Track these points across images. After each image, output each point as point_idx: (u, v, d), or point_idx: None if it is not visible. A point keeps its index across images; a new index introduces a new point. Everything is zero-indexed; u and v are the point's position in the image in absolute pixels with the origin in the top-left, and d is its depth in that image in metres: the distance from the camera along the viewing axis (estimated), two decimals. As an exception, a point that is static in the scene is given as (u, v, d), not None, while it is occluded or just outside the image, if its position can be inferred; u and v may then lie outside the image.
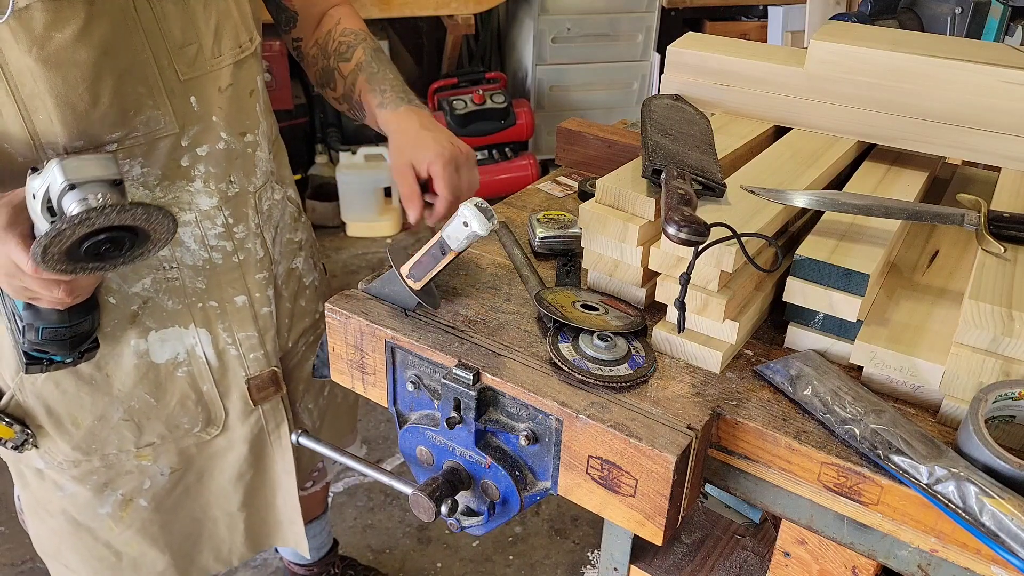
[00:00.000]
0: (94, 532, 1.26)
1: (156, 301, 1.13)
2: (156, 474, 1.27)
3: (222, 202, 1.12)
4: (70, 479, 1.19)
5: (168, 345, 1.16)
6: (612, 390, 0.81)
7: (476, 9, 3.54)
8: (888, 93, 1.02)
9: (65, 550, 1.26)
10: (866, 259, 0.82)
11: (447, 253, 0.89)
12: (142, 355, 1.15)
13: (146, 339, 1.14)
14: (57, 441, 1.15)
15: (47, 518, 1.23)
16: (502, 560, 2.16)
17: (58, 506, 1.22)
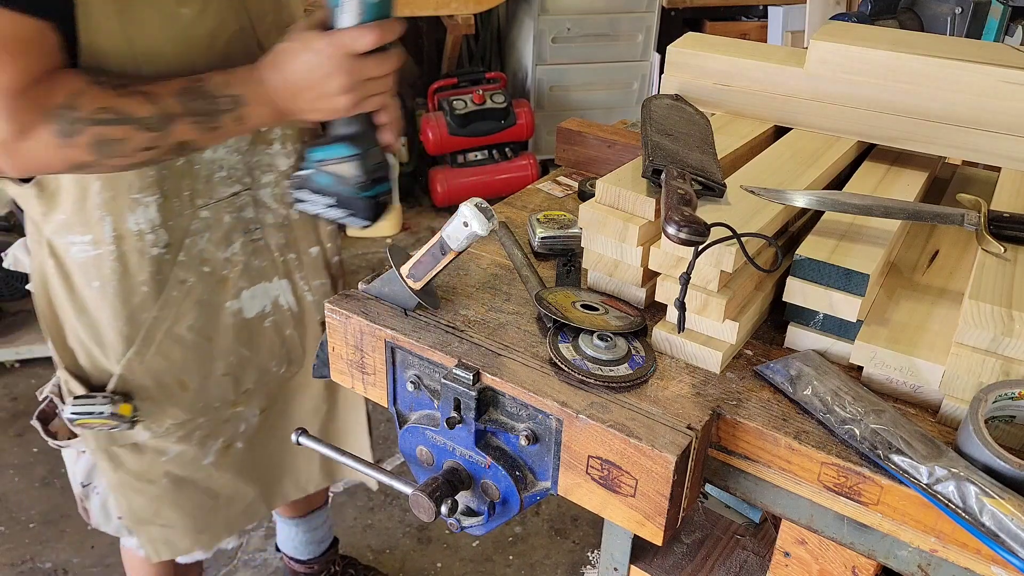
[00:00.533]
0: (196, 482, 1.35)
1: (245, 262, 1.23)
2: (249, 416, 1.37)
3: (297, 161, 1.21)
4: (175, 441, 1.27)
5: (257, 300, 1.27)
6: (612, 390, 0.81)
7: (476, 9, 3.53)
8: (888, 93, 1.02)
9: (165, 509, 1.34)
10: (866, 259, 0.82)
11: (447, 253, 0.89)
12: (236, 314, 1.25)
13: (239, 298, 1.24)
14: (166, 408, 1.23)
15: (145, 488, 1.30)
16: (502, 560, 2.16)
17: (160, 471, 1.29)
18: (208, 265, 1.19)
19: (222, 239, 1.19)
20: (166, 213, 1.12)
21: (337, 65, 0.96)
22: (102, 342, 1.17)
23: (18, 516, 2.24)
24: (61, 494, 2.31)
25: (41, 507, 2.27)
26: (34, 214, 1.11)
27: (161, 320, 1.17)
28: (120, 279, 1.12)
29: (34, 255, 1.13)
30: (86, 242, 1.10)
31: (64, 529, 2.21)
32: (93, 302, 1.14)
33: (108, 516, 1.37)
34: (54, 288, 1.15)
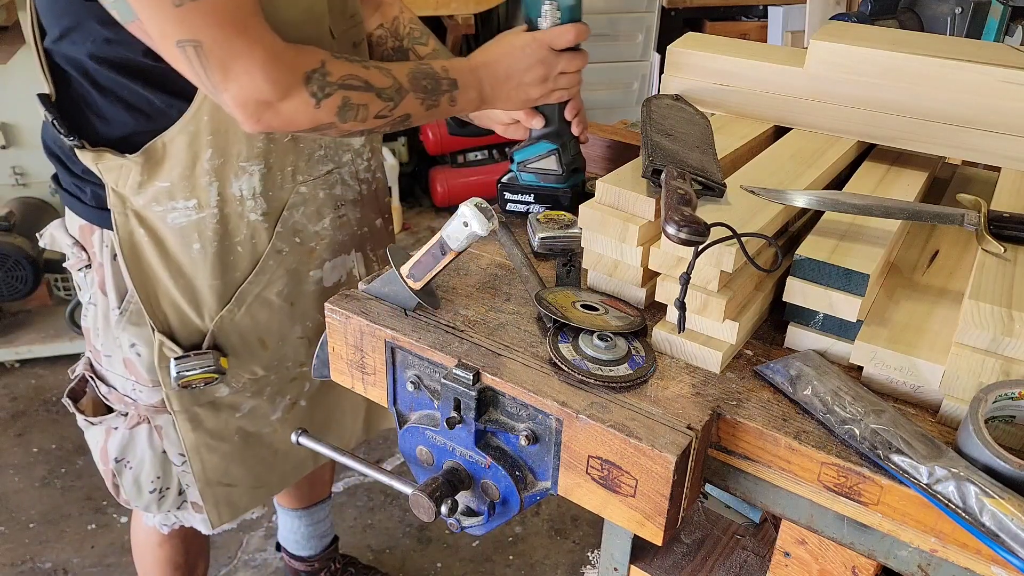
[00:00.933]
0: (262, 438, 1.42)
1: (332, 236, 1.32)
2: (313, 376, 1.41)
3: (366, 140, 1.34)
4: (250, 396, 1.37)
5: (336, 271, 1.36)
6: (612, 390, 0.81)
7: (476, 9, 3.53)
8: (888, 93, 1.02)
9: (233, 467, 1.41)
10: (866, 259, 0.82)
11: (447, 253, 0.89)
12: (317, 282, 1.34)
13: (322, 268, 1.33)
14: (248, 364, 1.33)
15: (218, 445, 1.38)
16: (502, 560, 2.16)
17: (233, 427, 1.38)
18: (299, 236, 1.28)
19: (315, 214, 1.29)
20: (267, 183, 1.20)
21: (537, 58, 1.10)
22: (197, 302, 1.25)
23: (18, 516, 2.24)
24: (61, 494, 2.31)
25: (41, 507, 2.27)
26: (124, 187, 1.15)
27: (255, 284, 1.26)
28: (220, 240, 1.20)
29: (120, 228, 1.18)
30: (190, 207, 1.17)
31: (64, 529, 2.21)
32: (191, 265, 1.21)
33: (140, 490, 1.41)
34: (146, 256, 1.20)
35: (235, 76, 0.94)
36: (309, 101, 0.99)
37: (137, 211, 1.17)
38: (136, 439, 1.35)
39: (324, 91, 0.99)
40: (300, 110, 0.99)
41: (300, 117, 1.00)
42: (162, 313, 1.25)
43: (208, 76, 0.95)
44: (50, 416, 2.60)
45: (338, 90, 1.00)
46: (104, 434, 1.37)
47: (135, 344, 1.26)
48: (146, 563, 1.62)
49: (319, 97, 0.99)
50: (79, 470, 2.39)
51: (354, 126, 1.04)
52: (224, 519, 1.46)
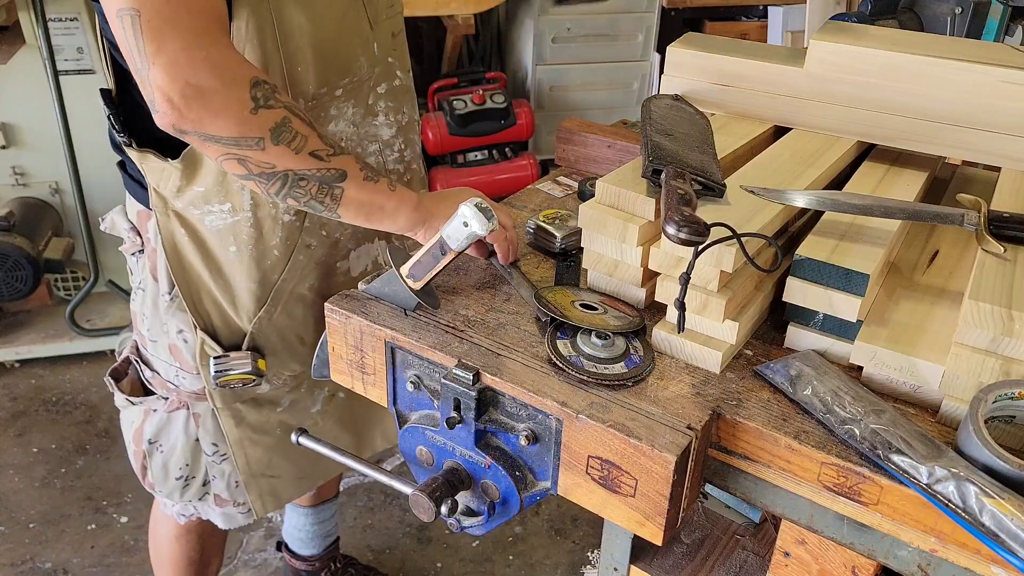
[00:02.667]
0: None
1: (354, 226, 1.28)
2: None
3: (398, 131, 1.31)
4: (289, 391, 1.37)
5: (361, 260, 1.35)
6: (611, 389, 0.81)
7: (476, 9, 3.53)
8: (888, 93, 1.02)
9: (276, 459, 1.42)
10: (866, 259, 0.82)
11: (447, 253, 0.89)
12: (345, 273, 1.33)
13: (348, 259, 1.32)
14: (287, 362, 1.33)
15: (261, 439, 1.39)
16: (502, 560, 2.16)
17: (275, 421, 1.39)
18: (326, 229, 1.26)
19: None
20: None
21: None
22: (236, 303, 1.25)
23: (18, 516, 2.24)
24: (61, 494, 2.31)
25: (41, 507, 2.27)
26: (165, 189, 1.17)
27: (288, 281, 1.25)
28: (255, 243, 1.20)
29: (163, 226, 1.20)
30: (224, 211, 1.17)
31: (64, 529, 2.21)
32: (229, 265, 1.22)
33: (167, 475, 1.42)
34: (187, 255, 1.22)
35: (169, 50, 0.87)
36: (247, 103, 0.91)
37: (178, 212, 1.19)
38: (172, 424, 1.37)
39: (267, 101, 0.93)
40: (233, 109, 0.91)
41: (229, 117, 0.92)
42: (205, 312, 1.26)
43: (138, 47, 0.87)
44: (50, 416, 2.60)
45: (283, 108, 0.94)
46: (142, 415, 1.39)
47: (182, 331, 1.28)
48: (161, 555, 1.63)
49: (259, 104, 0.92)
50: (79, 470, 2.39)
51: (282, 153, 0.95)
52: (268, 508, 1.48)
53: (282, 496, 1.48)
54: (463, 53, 4.00)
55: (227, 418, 1.35)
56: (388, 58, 1.26)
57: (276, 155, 0.95)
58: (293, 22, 1.06)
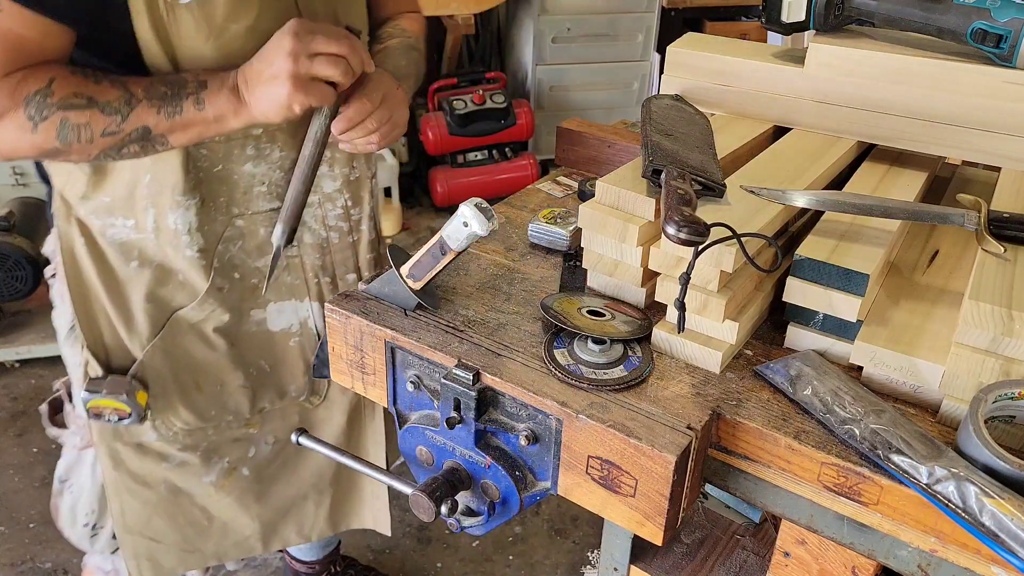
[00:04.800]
0: (193, 498, 1.31)
1: (276, 275, 1.21)
2: (261, 442, 1.32)
3: (344, 185, 1.22)
4: (180, 448, 1.25)
5: (284, 316, 1.25)
6: (611, 390, 0.81)
7: (476, 9, 3.53)
8: (888, 93, 1.02)
9: (157, 519, 1.31)
10: (866, 259, 0.82)
11: (447, 253, 0.89)
12: (260, 323, 1.24)
13: (265, 309, 1.23)
14: (179, 409, 1.22)
15: (141, 491, 1.28)
16: (502, 560, 2.16)
17: (160, 477, 1.27)
18: (239, 272, 1.19)
19: (255, 249, 1.19)
20: (203, 218, 1.13)
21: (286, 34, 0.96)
22: (130, 324, 1.18)
23: (18, 516, 2.24)
24: (61, 494, 2.31)
25: (41, 507, 2.27)
26: (70, 193, 1.12)
27: (191, 315, 1.18)
28: (159, 264, 1.14)
29: (62, 233, 1.14)
30: (128, 226, 1.12)
31: (64, 529, 2.21)
32: (128, 282, 1.15)
33: (74, 520, 1.32)
34: (85, 267, 1.15)
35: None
36: (26, 125, 0.94)
37: (80, 219, 1.13)
38: (82, 463, 1.28)
39: (42, 113, 0.94)
40: (17, 135, 0.95)
41: (20, 142, 0.95)
42: (97, 329, 1.18)
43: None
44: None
45: (56, 111, 0.94)
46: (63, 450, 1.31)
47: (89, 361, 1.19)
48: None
49: (36, 120, 0.94)
50: (79, 470, 2.39)
51: (83, 148, 0.97)
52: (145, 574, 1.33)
53: (163, 565, 1.34)
54: (463, 53, 4.00)
55: (105, 457, 1.23)
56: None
57: (77, 153, 0.97)
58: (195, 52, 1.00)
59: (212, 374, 1.23)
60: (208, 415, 1.25)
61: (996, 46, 0.95)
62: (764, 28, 1.12)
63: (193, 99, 0.97)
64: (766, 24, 1.10)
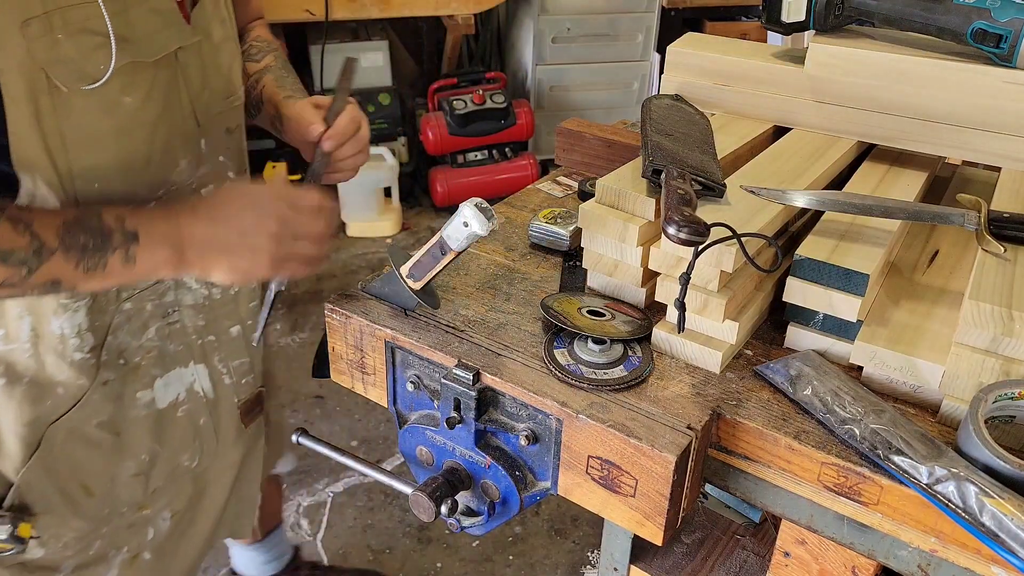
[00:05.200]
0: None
1: (160, 347, 1.10)
2: (159, 521, 1.23)
3: None
4: (74, 554, 1.11)
5: (171, 388, 1.14)
6: (612, 392, 0.81)
7: (476, 9, 3.53)
8: (888, 93, 1.02)
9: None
10: (866, 259, 0.82)
11: (447, 253, 0.89)
12: (148, 405, 1.11)
13: (152, 388, 1.11)
14: (68, 519, 1.08)
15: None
16: (502, 560, 2.16)
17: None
18: (124, 357, 1.06)
19: (140, 327, 1.07)
20: (94, 314, 1.00)
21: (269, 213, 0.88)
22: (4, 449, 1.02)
23: (18, 516, 2.24)
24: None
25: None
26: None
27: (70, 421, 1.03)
28: (32, 380, 0.99)
29: None
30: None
31: (64, 529, 2.20)
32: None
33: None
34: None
35: None
36: None
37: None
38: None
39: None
40: None
41: None
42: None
43: None
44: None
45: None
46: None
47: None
48: None
49: None
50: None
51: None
52: None
53: None
54: (463, 53, 4.00)
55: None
56: (220, 156, 1.08)
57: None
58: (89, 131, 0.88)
59: (100, 473, 1.08)
60: (101, 515, 1.12)
61: (996, 46, 0.95)
62: (764, 28, 1.12)
63: (121, 254, 0.84)
64: (766, 24, 1.10)
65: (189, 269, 0.88)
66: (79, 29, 0.83)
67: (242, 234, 0.88)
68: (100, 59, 0.85)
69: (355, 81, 1.24)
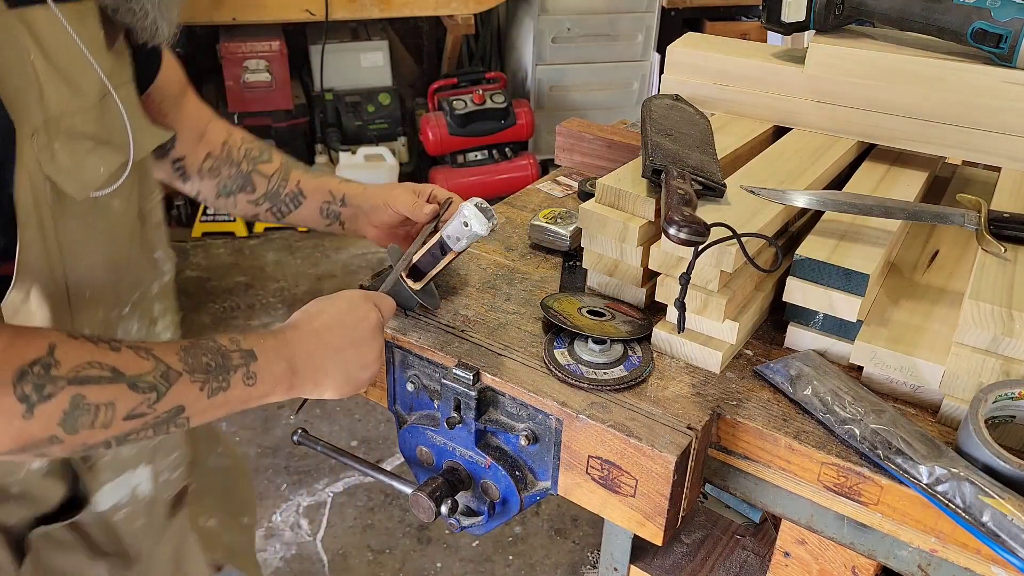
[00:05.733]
0: None
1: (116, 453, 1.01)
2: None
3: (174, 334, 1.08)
4: None
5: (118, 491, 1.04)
6: (612, 392, 0.81)
7: (476, 9, 3.53)
8: (888, 93, 1.02)
9: None
10: (866, 259, 0.82)
11: (447, 253, 0.89)
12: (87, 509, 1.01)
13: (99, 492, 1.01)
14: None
15: None
16: (502, 560, 2.16)
17: None
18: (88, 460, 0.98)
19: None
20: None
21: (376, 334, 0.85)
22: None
23: (18, 516, 2.24)
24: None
25: (41, 507, 2.27)
26: None
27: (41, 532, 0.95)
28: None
29: None
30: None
31: (64, 529, 2.20)
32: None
33: None
34: None
35: None
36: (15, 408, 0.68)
37: None
38: None
39: (43, 391, 0.69)
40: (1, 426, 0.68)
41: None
42: None
43: None
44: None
45: (66, 387, 0.70)
46: None
47: None
48: None
49: (33, 401, 0.68)
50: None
51: (91, 436, 0.73)
52: None
53: None
54: (463, 53, 4.00)
55: None
56: (156, 252, 1.03)
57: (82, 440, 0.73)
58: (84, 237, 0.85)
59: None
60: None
61: (996, 46, 0.95)
62: (764, 28, 1.12)
63: (243, 373, 0.81)
64: (766, 24, 1.10)
65: (302, 385, 0.85)
66: (71, 136, 0.82)
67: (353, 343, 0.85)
68: (94, 164, 0.84)
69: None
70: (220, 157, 1.17)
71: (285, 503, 2.28)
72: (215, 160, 1.17)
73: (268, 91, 3.38)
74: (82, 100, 0.82)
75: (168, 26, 0.92)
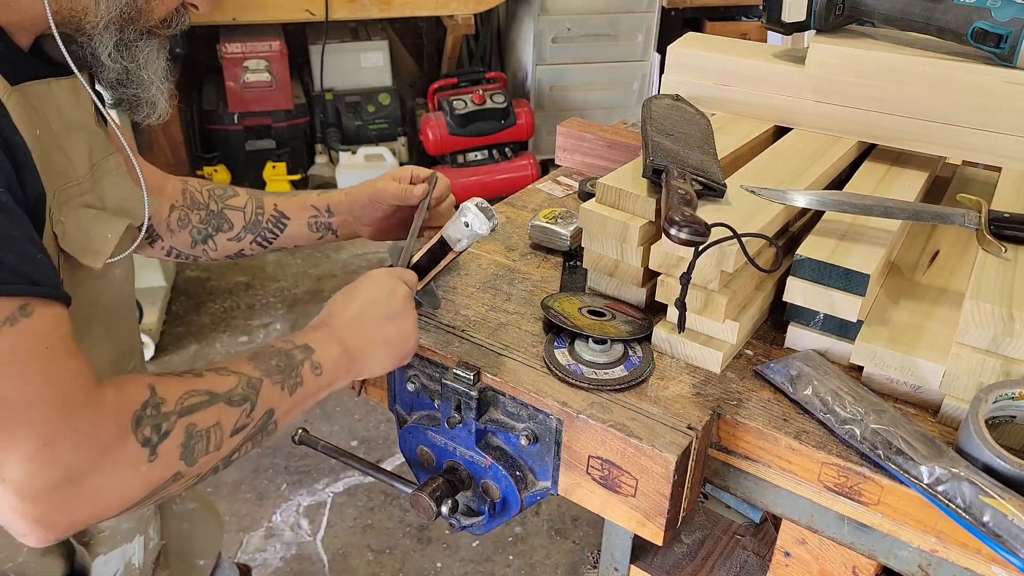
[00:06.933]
0: None
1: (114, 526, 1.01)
2: None
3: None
4: None
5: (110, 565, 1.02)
6: (611, 391, 0.81)
7: (476, 9, 3.53)
8: (888, 93, 1.02)
9: None
10: (866, 259, 0.82)
11: (447, 253, 0.89)
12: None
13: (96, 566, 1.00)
14: None
15: None
16: (502, 560, 2.16)
17: None
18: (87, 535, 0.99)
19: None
20: None
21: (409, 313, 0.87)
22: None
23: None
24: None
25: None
26: None
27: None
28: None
29: None
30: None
31: (64, 529, 2.20)
32: None
33: None
34: None
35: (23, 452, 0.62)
36: (140, 455, 0.67)
37: None
38: None
39: (160, 430, 0.69)
40: (127, 474, 0.67)
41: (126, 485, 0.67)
42: None
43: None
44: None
45: (178, 420, 0.71)
46: None
47: None
48: None
49: (154, 442, 0.69)
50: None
51: (207, 462, 0.74)
52: None
53: None
54: (463, 53, 4.00)
55: None
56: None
57: (198, 470, 0.75)
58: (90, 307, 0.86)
59: None
60: None
61: (996, 46, 0.95)
62: (764, 28, 1.12)
63: (309, 365, 0.83)
64: (766, 24, 1.10)
65: (359, 366, 0.86)
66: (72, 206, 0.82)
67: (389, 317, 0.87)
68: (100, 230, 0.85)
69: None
70: (185, 205, 1.15)
71: (285, 503, 2.28)
72: (181, 210, 1.15)
73: (268, 91, 3.39)
74: (77, 171, 0.84)
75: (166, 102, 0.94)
